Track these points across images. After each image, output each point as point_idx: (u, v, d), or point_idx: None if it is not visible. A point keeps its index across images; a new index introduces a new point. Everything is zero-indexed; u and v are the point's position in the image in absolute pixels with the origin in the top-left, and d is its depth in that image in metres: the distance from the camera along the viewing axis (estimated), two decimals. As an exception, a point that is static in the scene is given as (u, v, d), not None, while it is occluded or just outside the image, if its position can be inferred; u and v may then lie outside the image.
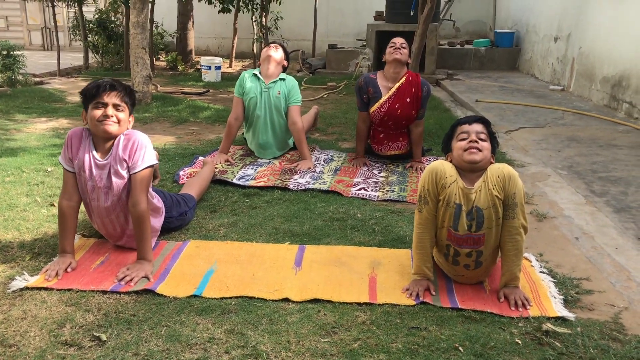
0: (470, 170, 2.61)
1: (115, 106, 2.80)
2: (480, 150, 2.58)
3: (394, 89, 4.46)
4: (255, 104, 4.68)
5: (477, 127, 2.65)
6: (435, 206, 2.62)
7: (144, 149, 2.84)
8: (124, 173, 2.82)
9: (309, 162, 4.50)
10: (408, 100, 4.47)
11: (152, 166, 2.87)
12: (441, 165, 2.62)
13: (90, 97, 2.81)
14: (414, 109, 4.50)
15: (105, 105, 2.78)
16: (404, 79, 4.47)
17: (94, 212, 2.93)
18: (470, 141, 2.60)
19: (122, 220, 2.92)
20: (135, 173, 2.81)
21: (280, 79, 4.68)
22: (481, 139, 2.61)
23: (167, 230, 3.24)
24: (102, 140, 2.84)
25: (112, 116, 2.78)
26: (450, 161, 2.69)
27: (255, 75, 4.70)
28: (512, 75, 9.59)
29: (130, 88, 2.94)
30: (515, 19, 10.53)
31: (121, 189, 2.84)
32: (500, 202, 2.54)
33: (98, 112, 2.77)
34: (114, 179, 2.82)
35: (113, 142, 2.84)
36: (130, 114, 2.90)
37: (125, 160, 2.82)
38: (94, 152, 2.84)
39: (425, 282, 2.66)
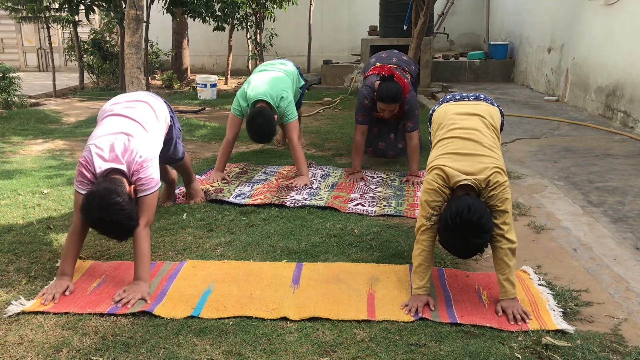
0: None
1: None
2: None
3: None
4: None
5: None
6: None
7: (152, 175, 2.91)
8: None
9: (306, 178, 4.49)
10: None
11: (157, 190, 2.97)
12: (436, 181, 2.68)
13: None
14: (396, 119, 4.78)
15: None
16: None
17: None
18: None
19: None
20: (144, 197, 2.88)
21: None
22: None
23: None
24: None
25: None
26: None
27: None
28: (507, 87, 9.64)
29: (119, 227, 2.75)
30: (509, 31, 10.60)
31: None
32: None
33: None
34: None
35: None
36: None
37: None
38: None
39: (424, 297, 2.66)
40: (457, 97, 3.20)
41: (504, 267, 2.60)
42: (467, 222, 2.45)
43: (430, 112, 3.29)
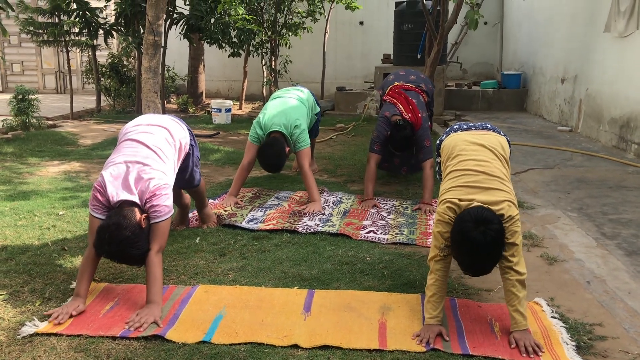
0: None
1: None
2: None
3: None
4: None
5: None
6: None
7: (165, 203, 2.96)
8: None
9: (318, 204, 4.52)
10: None
11: (170, 217, 3.01)
12: (446, 213, 2.68)
13: None
14: None
15: None
16: None
17: None
18: None
19: None
20: (157, 223, 2.92)
21: None
22: None
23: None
24: None
25: None
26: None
27: None
28: (520, 116, 9.65)
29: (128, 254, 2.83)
30: (522, 61, 10.66)
31: None
32: None
33: None
34: None
35: None
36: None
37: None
38: None
39: (437, 328, 2.64)
40: (465, 127, 3.22)
41: (513, 298, 2.60)
42: (479, 214, 2.52)
43: (438, 142, 3.31)
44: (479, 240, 2.47)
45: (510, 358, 2.47)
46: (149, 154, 3.09)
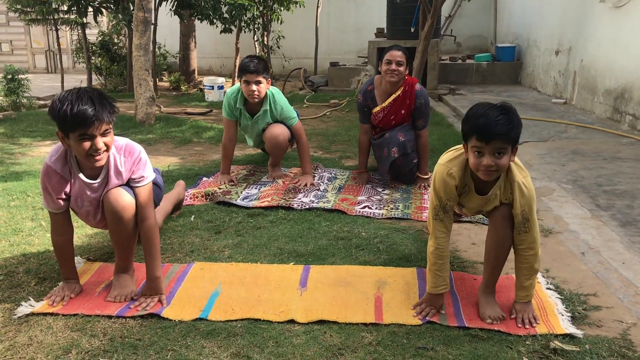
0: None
1: (103, 134, 2.52)
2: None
3: (389, 100, 4.44)
4: (246, 131, 4.87)
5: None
6: (453, 208, 2.63)
7: (146, 161, 2.79)
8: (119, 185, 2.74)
9: (309, 177, 4.53)
10: (403, 112, 4.46)
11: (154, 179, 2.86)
12: (452, 173, 2.57)
13: (73, 126, 2.45)
14: (407, 120, 4.51)
15: (94, 137, 2.49)
16: (400, 90, 4.41)
17: (78, 214, 2.87)
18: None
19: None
20: (141, 187, 2.76)
21: (264, 111, 4.56)
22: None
23: None
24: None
25: (101, 149, 2.52)
26: None
27: (239, 107, 4.57)
28: (515, 89, 9.62)
29: (110, 101, 2.54)
30: (516, 34, 10.58)
31: None
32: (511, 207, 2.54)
33: (86, 145, 2.48)
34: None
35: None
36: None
37: (121, 174, 2.71)
38: (83, 177, 2.68)
39: (439, 301, 2.63)
40: None
41: (532, 272, 2.57)
42: (491, 103, 2.40)
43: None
44: (490, 104, 2.36)
45: (505, 329, 2.48)
46: None
